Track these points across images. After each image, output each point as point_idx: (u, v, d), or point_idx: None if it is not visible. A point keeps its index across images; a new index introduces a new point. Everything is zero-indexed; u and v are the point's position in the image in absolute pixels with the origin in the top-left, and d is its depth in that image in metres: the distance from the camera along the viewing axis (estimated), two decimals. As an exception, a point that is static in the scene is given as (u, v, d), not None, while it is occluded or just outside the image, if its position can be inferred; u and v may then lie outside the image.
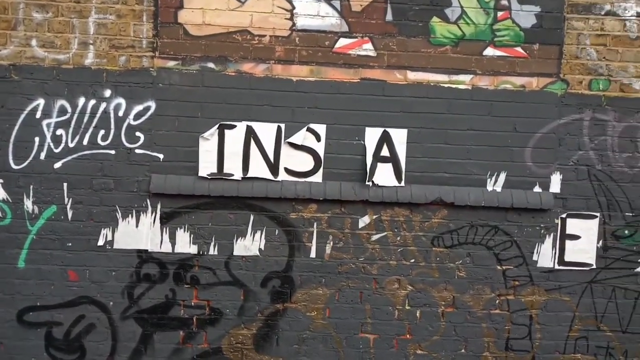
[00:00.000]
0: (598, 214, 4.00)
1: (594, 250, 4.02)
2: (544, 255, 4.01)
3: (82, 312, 3.93)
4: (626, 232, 4.03)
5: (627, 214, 4.02)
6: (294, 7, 3.87)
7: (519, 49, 3.93)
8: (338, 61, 3.91)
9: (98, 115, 3.85)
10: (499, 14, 3.90)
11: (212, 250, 3.94)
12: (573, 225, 3.99)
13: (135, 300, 3.95)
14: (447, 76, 3.93)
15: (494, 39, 3.92)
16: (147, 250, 3.92)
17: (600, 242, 4.03)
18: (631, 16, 3.93)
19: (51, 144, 3.85)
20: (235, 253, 3.95)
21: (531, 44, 3.93)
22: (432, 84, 3.93)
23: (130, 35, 3.84)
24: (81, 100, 3.84)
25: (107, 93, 3.85)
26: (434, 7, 3.89)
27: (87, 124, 3.85)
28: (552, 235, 4.01)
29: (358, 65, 3.91)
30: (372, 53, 3.91)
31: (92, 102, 3.85)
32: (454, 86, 3.94)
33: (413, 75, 3.92)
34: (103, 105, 3.85)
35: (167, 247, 3.93)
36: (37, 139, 3.83)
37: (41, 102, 3.83)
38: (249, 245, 3.95)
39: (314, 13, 3.88)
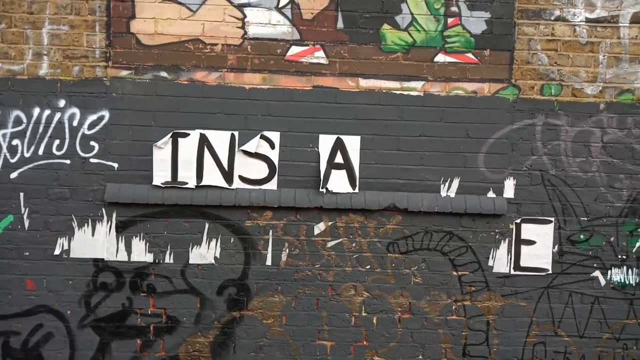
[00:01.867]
0: (553, 219, 4.00)
1: (550, 255, 4.01)
2: (500, 261, 4.01)
3: (39, 321, 3.94)
4: (581, 236, 4.02)
5: (582, 218, 4.01)
6: (245, 16, 3.89)
7: (470, 55, 3.93)
8: (290, 69, 3.92)
9: (53, 125, 3.87)
10: (449, 20, 3.91)
11: (168, 259, 3.95)
12: (528, 231, 3.98)
13: (93, 309, 3.95)
14: (398, 83, 3.94)
15: (445, 45, 3.93)
16: (103, 259, 3.93)
17: (556, 247, 4.02)
18: (580, 21, 3.93)
19: (7, 154, 3.87)
20: (191, 261, 3.95)
21: (482, 50, 3.93)
22: (384, 90, 3.94)
23: (83, 45, 3.87)
24: (36, 111, 3.87)
25: (62, 103, 3.87)
26: (385, 15, 3.90)
27: (42, 133, 3.87)
28: (507, 240, 4.01)
29: (310, 72, 3.92)
30: (324, 61, 3.93)
31: (47, 112, 3.87)
32: (405, 93, 3.94)
33: (365, 83, 3.93)
34: (58, 115, 3.87)
35: (123, 256, 3.94)
36: (-7, 150, 3.87)
37: (-4, 112, 3.86)
38: (205, 253, 3.96)
39: (266, 21, 3.90)
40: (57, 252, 3.91)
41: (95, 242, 3.92)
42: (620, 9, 3.94)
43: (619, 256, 4.04)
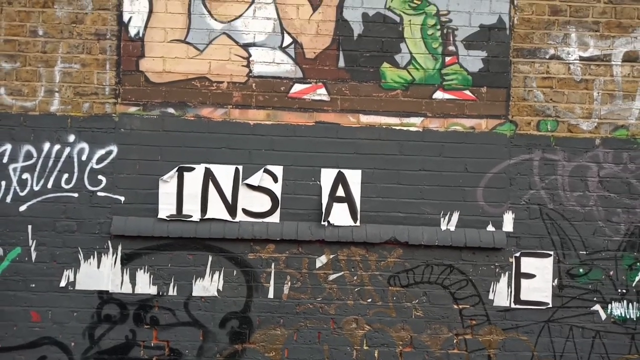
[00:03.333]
0: (552, 253, 4.03)
1: (550, 288, 4.03)
2: (500, 294, 4.03)
3: (43, 353, 3.96)
4: (581, 270, 4.05)
5: (581, 252, 4.05)
6: (250, 55, 4.04)
7: (467, 92, 4.05)
8: (293, 105, 4.05)
9: (62, 159, 3.98)
10: (447, 59, 4.05)
11: (172, 291, 3.99)
12: (528, 264, 4.01)
13: (96, 341, 3.98)
14: (398, 119, 4.05)
15: (443, 82, 4.05)
16: (108, 291, 3.98)
17: (556, 280, 4.04)
18: (575, 60, 4.06)
19: (17, 188, 3.97)
20: (194, 294, 4.00)
21: (479, 87, 4.05)
22: (384, 126, 4.05)
23: (94, 82, 4.01)
24: (46, 145, 3.98)
25: (71, 138, 3.99)
26: (384, 54, 4.05)
27: (52, 168, 3.98)
28: (507, 273, 4.04)
29: (313, 109, 4.05)
30: (326, 97, 4.05)
31: (57, 147, 3.99)
32: (405, 128, 4.05)
33: (365, 119, 4.05)
34: (67, 149, 3.99)
35: (127, 288, 3.98)
36: (3, 183, 3.96)
37: (8, 147, 3.97)
38: (208, 285, 4.00)
39: (270, 60, 4.04)
40: (62, 284, 3.97)
41: (101, 274, 3.98)
42: (612, 48, 4.08)
43: (619, 290, 4.05)
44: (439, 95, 4.05)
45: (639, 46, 4.08)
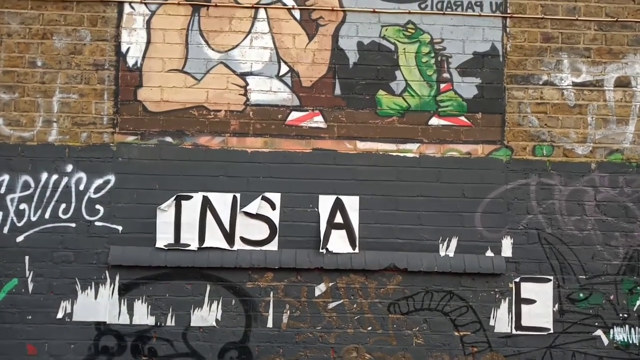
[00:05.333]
0: (552, 277, 4.02)
1: (551, 314, 4.00)
2: (501, 320, 4.00)
3: (39, 387, 3.91)
4: (581, 295, 4.03)
5: (580, 276, 4.04)
6: (247, 84, 4.08)
7: (462, 118, 4.09)
8: (291, 133, 4.07)
9: (60, 189, 3.98)
10: (442, 86, 4.10)
11: (170, 321, 3.95)
12: (527, 289, 4.00)
13: (93, 374, 3.93)
14: (395, 145, 4.08)
15: (438, 109, 4.10)
16: (105, 322, 3.94)
17: (556, 305, 4.02)
18: (568, 85, 4.12)
19: (14, 218, 3.96)
20: (192, 324, 3.95)
21: (474, 113, 4.10)
22: (380, 152, 4.07)
23: (92, 112, 4.04)
24: (44, 175, 3.99)
25: (69, 168, 4.00)
26: (380, 81, 4.10)
27: (49, 198, 3.97)
28: (507, 299, 4.02)
29: (310, 136, 4.07)
30: (323, 125, 4.08)
31: (55, 177, 3.99)
32: (402, 154, 4.08)
33: (362, 145, 4.08)
34: (65, 179, 3.99)
35: (125, 319, 3.94)
36: (0, 214, 3.95)
37: (6, 177, 3.97)
38: (206, 315, 3.96)
39: (267, 89, 4.09)
40: (59, 315, 3.92)
41: (98, 305, 3.94)
42: (604, 73, 4.14)
43: (620, 315, 4.03)
44: (434, 121, 4.09)
45: (630, 71, 4.15)
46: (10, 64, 4.02)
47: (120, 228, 3.98)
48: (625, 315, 4.04)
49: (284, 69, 4.10)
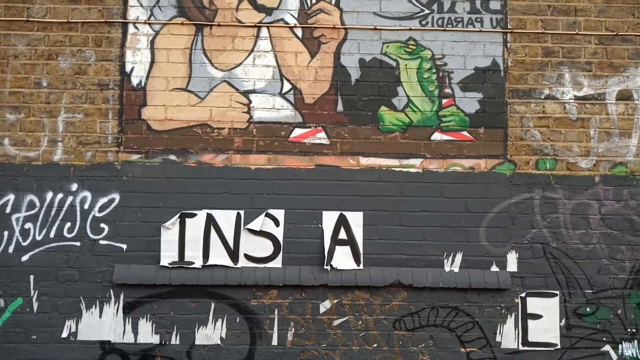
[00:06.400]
0: (558, 292, 3.99)
1: (557, 329, 3.96)
2: (507, 336, 3.96)
3: (43, 408, 3.89)
4: (588, 309, 4.00)
5: (587, 291, 4.01)
6: (251, 101, 4.11)
7: (465, 132, 4.10)
8: (294, 149, 4.09)
9: (65, 208, 4.00)
10: (444, 101, 4.12)
11: (174, 340, 3.93)
12: (534, 304, 3.97)
13: (97, 394, 3.91)
14: (397, 160, 4.09)
15: (441, 124, 4.11)
16: (110, 341, 3.92)
17: (563, 320, 3.98)
18: (570, 99, 4.13)
19: (19, 238, 3.98)
20: (197, 342, 3.94)
21: (477, 128, 4.11)
22: (383, 168, 4.08)
23: (96, 131, 4.08)
24: (49, 195, 4.01)
25: (74, 187, 4.02)
26: (382, 97, 4.12)
27: (54, 217, 3.99)
28: (513, 315, 3.98)
29: (313, 152, 4.09)
30: (326, 141, 4.10)
31: (60, 196, 4.01)
32: (405, 170, 4.08)
33: (365, 161, 4.09)
34: (70, 198, 4.01)
35: (129, 338, 3.93)
36: (6, 233, 3.97)
37: (11, 197, 4.00)
38: (211, 333, 3.95)
39: (270, 106, 4.11)
40: (64, 334, 3.92)
41: (103, 323, 3.94)
42: (606, 87, 4.15)
43: (628, 329, 3.98)
44: (437, 136, 4.11)
45: (632, 85, 4.16)
46: (16, 85, 4.07)
47: (124, 246, 3.99)
48: (634, 330, 3.99)
49: (287, 86, 4.13)
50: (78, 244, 3.98)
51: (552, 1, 4.21)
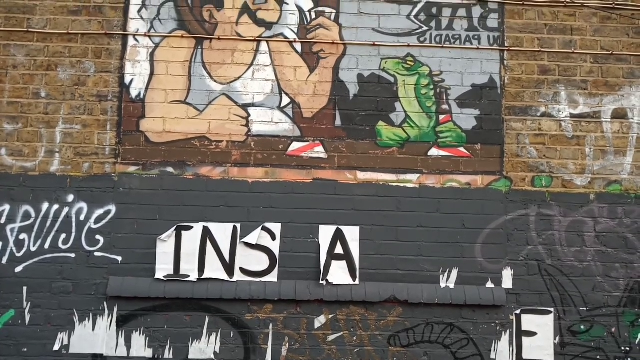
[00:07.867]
0: (552, 309, 3.99)
1: (552, 347, 3.96)
2: (502, 353, 3.95)
3: (33, 422, 3.84)
4: (582, 327, 4.00)
5: (581, 308, 4.01)
6: (249, 115, 4.13)
7: (462, 149, 4.13)
8: (291, 163, 4.10)
9: (60, 219, 3.98)
10: (441, 117, 4.15)
11: (167, 354, 3.90)
12: (528, 321, 3.97)
13: (89, 408, 3.86)
14: (395, 175, 4.10)
15: (438, 140, 4.14)
16: (102, 354, 3.89)
17: (557, 338, 3.98)
18: (565, 117, 4.17)
19: (14, 248, 3.95)
20: (190, 356, 3.90)
21: (473, 144, 4.14)
22: (381, 183, 4.09)
23: (94, 143, 4.07)
24: (45, 206, 3.99)
25: (70, 198, 4.01)
26: (380, 113, 4.15)
27: (50, 228, 3.97)
28: (508, 332, 3.98)
29: (310, 166, 4.10)
30: (324, 155, 4.11)
31: (56, 206, 3.99)
32: (402, 185, 4.10)
33: (362, 175, 4.10)
34: (66, 209, 3.99)
35: (122, 351, 3.90)
36: (0, 244, 3.94)
37: (7, 207, 3.98)
38: (204, 348, 3.92)
39: (268, 120, 4.13)
40: (56, 347, 3.88)
41: (95, 336, 3.90)
42: (601, 105, 4.20)
43: (622, 348, 3.99)
44: (434, 152, 4.13)
45: (627, 103, 4.21)
46: (14, 95, 4.07)
47: (119, 259, 3.96)
48: (628, 349, 4.00)
49: (286, 100, 4.15)
50: (73, 255, 3.96)
51: (549, 20, 4.27)
